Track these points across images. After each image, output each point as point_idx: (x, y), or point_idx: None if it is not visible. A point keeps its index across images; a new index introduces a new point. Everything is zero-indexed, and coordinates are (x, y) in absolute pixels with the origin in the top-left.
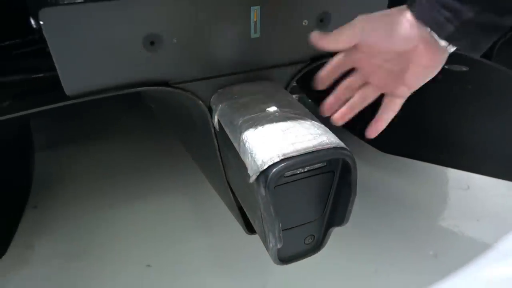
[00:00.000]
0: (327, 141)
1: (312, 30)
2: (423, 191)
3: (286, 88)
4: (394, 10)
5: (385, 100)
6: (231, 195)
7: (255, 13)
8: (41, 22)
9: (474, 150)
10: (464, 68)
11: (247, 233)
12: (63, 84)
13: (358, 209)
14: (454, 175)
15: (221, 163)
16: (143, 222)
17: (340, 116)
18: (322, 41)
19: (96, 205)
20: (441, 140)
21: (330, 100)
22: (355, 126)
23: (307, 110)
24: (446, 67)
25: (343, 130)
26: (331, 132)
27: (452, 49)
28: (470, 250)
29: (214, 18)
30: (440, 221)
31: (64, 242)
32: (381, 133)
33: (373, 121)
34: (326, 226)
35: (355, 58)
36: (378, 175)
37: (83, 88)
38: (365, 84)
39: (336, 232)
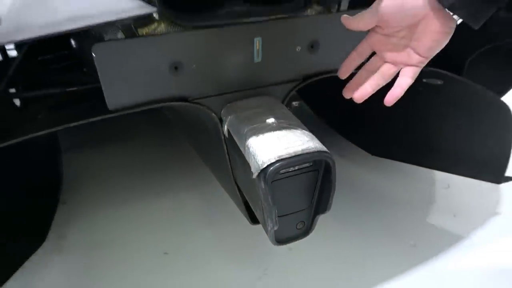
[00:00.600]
0: (313, 146)
1: (304, 55)
2: (407, 189)
3: (283, 102)
4: None
5: (404, 69)
6: (237, 191)
7: (257, 43)
8: (94, 55)
9: (449, 154)
10: (440, 82)
11: (251, 223)
12: (107, 101)
13: (348, 204)
14: (436, 175)
15: (229, 164)
16: (159, 216)
17: (360, 95)
18: (349, 22)
19: (117, 201)
20: (422, 144)
21: (351, 83)
22: (349, 132)
23: (299, 121)
24: (424, 80)
25: (338, 135)
26: (316, 139)
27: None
28: (445, 241)
29: (225, 48)
30: (420, 216)
31: (91, 232)
32: (370, 137)
33: (392, 88)
34: (313, 214)
35: (373, 41)
36: (366, 174)
37: (122, 104)
38: (384, 63)
39: (329, 226)
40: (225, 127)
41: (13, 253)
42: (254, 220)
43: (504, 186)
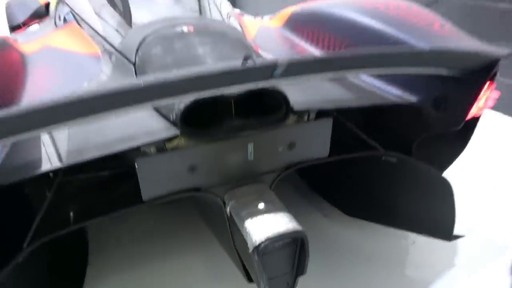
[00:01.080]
0: (292, 227)
1: (284, 152)
2: (377, 244)
3: (271, 186)
4: None
5: None
6: (237, 256)
7: (250, 147)
8: (136, 166)
9: (408, 217)
10: (394, 160)
11: (247, 281)
12: (142, 195)
13: (327, 260)
14: (405, 233)
15: (231, 237)
16: (171, 276)
17: None
18: None
19: (132, 263)
20: (386, 208)
21: None
22: (328, 194)
23: (282, 204)
24: (383, 158)
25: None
26: (294, 220)
27: None
28: None
29: (227, 153)
30: (386, 268)
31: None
32: (345, 200)
33: None
34: (295, 276)
35: None
36: (346, 231)
37: (153, 196)
38: None
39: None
40: (228, 209)
41: None
42: (250, 279)
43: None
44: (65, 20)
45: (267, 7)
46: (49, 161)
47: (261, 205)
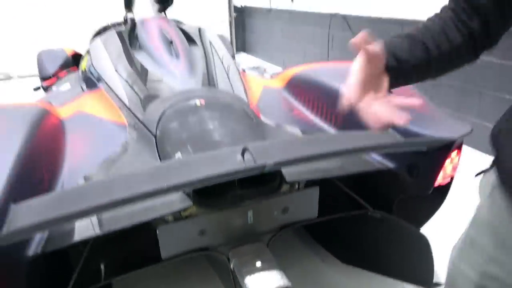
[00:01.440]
0: (282, 284)
1: (279, 215)
2: None
3: (267, 244)
4: None
5: None
6: None
7: (250, 213)
8: (158, 232)
9: (393, 266)
10: (379, 216)
11: None
12: (162, 254)
13: None
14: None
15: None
16: None
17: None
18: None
19: None
20: (375, 257)
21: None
22: (325, 242)
23: (275, 262)
24: (369, 213)
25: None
26: (285, 277)
27: None
28: None
29: (230, 219)
30: None
31: None
32: (342, 249)
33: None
34: None
35: None
36: (339, 275)
37: (170, 255)
38: None
39: None
40: (232, 265)
41: None
42: None
43: None
44: (93, 83)
45: (273, 53)
46: (86, 229)
47: (258, 263)
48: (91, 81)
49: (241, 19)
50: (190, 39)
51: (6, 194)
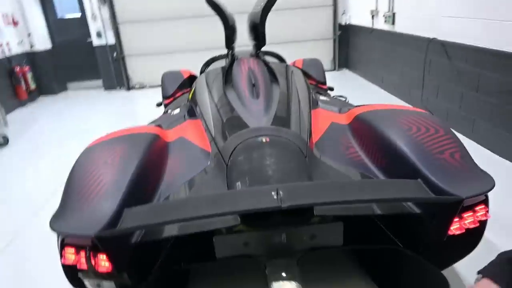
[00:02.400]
0: None
1: (308, 241)
2: None
3: (297, 262)
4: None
5: None
6: None
7: (284, 235)
8: (214, 241)
9: None
10: (409, 253)
11: None
12: (216, 254)
13: None
14: None
15: None
16: None
17: None
18: None
19: None
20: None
21: None
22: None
23: (299, 277)
24: (400, 249)
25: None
26: None
27: None
28: None
29: (269, 237)
30: None
31: None
32: (385, 281)
33: None
34: None
35: None
36: None
37: (222, 256)
38: None
39: None
40: (266, 271)
41: None
42: None
43: None
44: (193, 112)
45: (373, 71)
46: (169, 231)
47: (283, 274)
48: (192, 111)
49: (345, 36)
50: (275, 77)
51: (122, 201)
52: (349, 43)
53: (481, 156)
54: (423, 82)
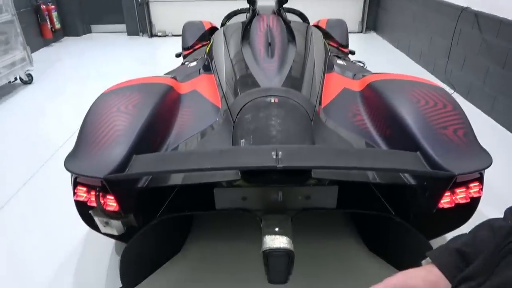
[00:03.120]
0: (287, 246)
1: (302, 200)
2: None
3: (291, 219)
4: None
5: None
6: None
7: (280, 193)
8: (214, 192)
9: (402, 262)
10: (398, 220)
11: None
12: (216, 205)
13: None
14: None
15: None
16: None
17: None
18: None
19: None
20: (392, 252)
21: None
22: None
23: (290, 231)
24: (391, 216)
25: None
26: (291, 243)
27: None
28: None
29: (265, 193)
30: None
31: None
32: (372, 243)
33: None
34: (287, 274)
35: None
36: (360, 258)
37: (222, 207)
38: None
39: None
40: (261, 225)
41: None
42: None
43: None
44: (208, 67)
45: (400, 36)
46: (174, 179)
47: (276, 229)
48: (208, 65)
49: None
50: (293, 37)
51: (132, 149)
52: (379, 3)
53: (499, 134)
54: (449, 52)
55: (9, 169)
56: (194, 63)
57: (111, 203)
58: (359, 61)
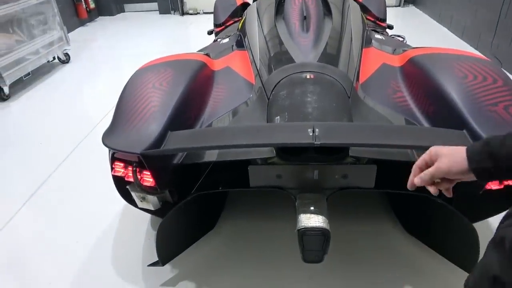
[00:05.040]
0: (322, 225)
1: (339, 180)
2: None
3: (327, 198)
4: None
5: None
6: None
7: (316, 172)
8: (249, 170)
9: (445, 245)
10: (439, 201)
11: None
12: (250, 183)
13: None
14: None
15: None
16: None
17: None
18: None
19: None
20: (433, 236)
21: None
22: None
23: (325, 211)
24: (431, 197)
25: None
26: (327, 222)
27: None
28: None
29: (301, 172)
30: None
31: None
32: (412, 225)
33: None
34: (322, 254)
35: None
36: (399, 242)
37: (256, 185)
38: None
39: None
40: (296, 204)
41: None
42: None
43: None
44: (241, 43)
45: (442, 10)
46: (209, 156)
47: (312, 208)
48: (240, 41)
49: None
50: (329, 11)
51: (167, 125)
52: None
53: None
54: (496, 26)
55: (53, 143)
56: (227, 40)
57: (147, 178)
58: (399, 36)
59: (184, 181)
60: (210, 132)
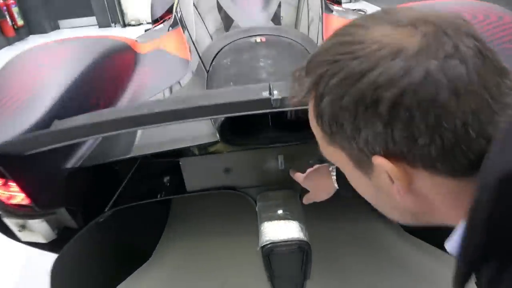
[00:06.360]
0: (298, 235)
1: (315, 165)
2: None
3: (300, 195)
4: None
5: None
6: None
7: (281, 158)
8: (180, 164)
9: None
10: None
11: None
12: (186, 186)
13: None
14: None
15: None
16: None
17: None
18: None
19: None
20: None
21: None
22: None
23: (302, 214)
24: None
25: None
26: (304, 230)
27: None
28: None
29: (260, 161)
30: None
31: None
32: None
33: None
34: (302, 279)
35: None
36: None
37: (195, 188)
38: None
39: None
40: (257, 208)
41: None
42: None
43: None
44: (176, 22)
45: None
46: (128, 151)
47: (280, 212)
48: (175, 21)
49: None
50: None
51: (52, 112)
52: None
53: None
54: None
55: None
56: (161, 26)
57: (15, 193)
58: (360, 10)
59: (93, 193)
60: (119, 111)
